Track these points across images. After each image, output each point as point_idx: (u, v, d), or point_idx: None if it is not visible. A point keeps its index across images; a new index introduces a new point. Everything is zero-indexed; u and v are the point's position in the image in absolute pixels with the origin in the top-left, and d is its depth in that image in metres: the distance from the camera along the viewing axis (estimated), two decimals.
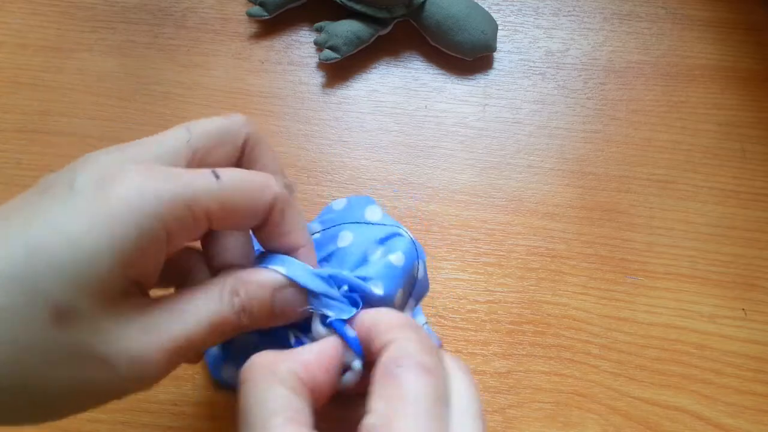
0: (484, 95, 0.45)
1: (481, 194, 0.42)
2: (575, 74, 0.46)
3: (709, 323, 0.39)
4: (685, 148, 0.44)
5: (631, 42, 0.47)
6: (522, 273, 0.40)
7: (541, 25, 0.48)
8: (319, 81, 0.45)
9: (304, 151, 0.43)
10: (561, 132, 0.44)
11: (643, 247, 0.41)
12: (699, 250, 0.41)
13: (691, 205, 0.42)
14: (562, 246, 0.40)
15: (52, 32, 0.46)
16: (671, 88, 0.46)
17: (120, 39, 0.46)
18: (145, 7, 0.47)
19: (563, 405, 0.36)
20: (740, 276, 0.40)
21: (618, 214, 0.42)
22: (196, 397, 0.35)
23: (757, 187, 0.43)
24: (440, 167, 0.43)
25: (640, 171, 0.43)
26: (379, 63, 0.46)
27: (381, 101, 0.45)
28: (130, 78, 0.44)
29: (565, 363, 0.37)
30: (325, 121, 0.44)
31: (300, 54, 0.46)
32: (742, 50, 0.47)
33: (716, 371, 0.37)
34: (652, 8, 0.49)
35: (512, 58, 0.47)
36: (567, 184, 0.42)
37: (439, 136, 0.44)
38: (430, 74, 0.46)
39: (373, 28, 0.44)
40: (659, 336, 0.38)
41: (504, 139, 0.44)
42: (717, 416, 0.36)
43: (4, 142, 0.42)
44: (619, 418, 0.36)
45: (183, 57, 0.45)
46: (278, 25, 0.47)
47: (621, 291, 0.39)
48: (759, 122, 0.45)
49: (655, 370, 0.37)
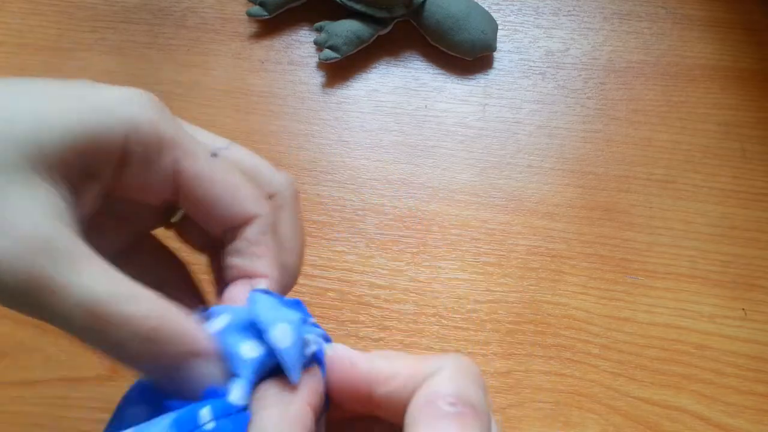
0: (484, 95, 0.45)
1: (481, 194, 0.42)
2: (575, 74, 0.46)
3: (709, 323, 0.39)
4: (685, 147, 0.44)
5: (631, 42, 0.47)
6: (522, 273, 0.40)
7: (541, 24, 0.48)
8: (319, 81, 0.45)
9: (304, 151, 0.43)
10: (561, 132, 0.44)
11: (643, 247, 0.41)
12: (699, 250, 0.41)
13: (691, 205, 0.42)
14: (562, 246, 0.40)
15: (52, 32, 0.46)
16: (671, 88, 0.46)
17: (120, 39, 0.46)
18: (145, 7, 0.47)
19: (563, 405, 0.36)
20: (740, 276, 0.40)
21: (618, 214, 0.42)
22: None
23: (757, 187, 0.43)
24: (440, 167, 0.43)
25: (640, 171, 0.43)
26: (379, 63, 0.46)
27: (381, 101, 0.45)
28: (130, 78, 0.44)
29: (565, 363, 0.37)
30: (325, 120, 0.44)
31: (300, 54, 0.46)
32: (741, 50, 0.47)
33: (716, 371, 0.37)
34: (652, 8, 0.49)
35: (512, 57, 0.47)
36: (567, 184, 0.42)
37: (439, 136, 0.44)
38: (430, 74, 0.46)
39: (373, 28, 0.44)
40: (659, 336, 0.38)
41: (504, 139, 0.44)
42: (717, 416, 0.36)
43: None
44: (619, 418, 0.36)
45: (183, 57, 0.45)
46: (278, 25, 0.47)
47: (621, 291, 0.39)
48: (759, 122, 0.45)
49: (655, 370, 0.37)
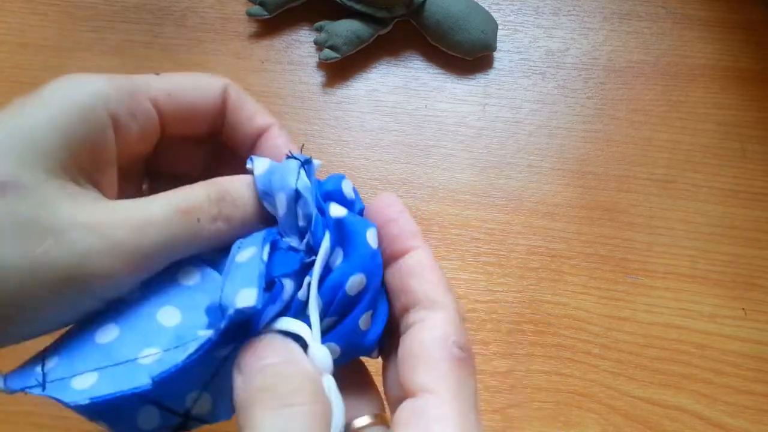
0: (484, 95, 0.45)
1: (481, 194, 0.42)
2: (575, 74, 0.46)
3: (709, 323, 0.39)
4: (685, 147, 0.44)
5: (631, 41, 0.47)
6: (522, 272, 0.40)
7: (541, 24, 0.48)
8: (319, 80, 0.45)
9: (304, 150, 0.43)
10: (561, 131, 0.44)
11: (643, 247, 0.41)
12: (699, 250, 0.41)
13: (691, 205, 0.42)
14: (562, 245, 0.40)
15: (52, 32, 0.46)
16: (671, 88, 0.46)
17: (120, 39, 0.46)
18: (145, 6, 0.47)
19: (563, 405, 0.36)
20: (740, 276, 0.40)
21: (618, 214, 0.42)
22: None
23: (757, 186, 0.43)
24: (440, 167, 0.43)
25: (640, 170, 0.43)
26: (379, 63, 0.46)
27: (381, 101, 0.45)
28: None
29: (565, 362, 0.37)
30: (325, 120, 0.44)
31: (300, 53, 0.46)
32: (741, 50, 0.47)
33: (716, 371, 0.37)
34: (652, 8, 0.49)
35: (512, 57, 0.47)
36: (567, 184, 0.42)
37: (439, 136, 0.44)
38: (430, 74, 0.46)
39: (373, 28, 0.44)
40: (659, 335, 0.38)
41: (504, 139, 0.44)
42: (717, 416, 0.36)
43: None
44: (619, 417, 0.36)
45: (183, 56, 0.45)
46: (278, 25, 0.47)
47: (621, 291, 0.39)
48: (759, 122, 0.45)
49: (655, 370, 0.37)
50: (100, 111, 0.20)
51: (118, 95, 0.20)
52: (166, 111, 0.22)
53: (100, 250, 0.18)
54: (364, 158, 0.43)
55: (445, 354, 0.18)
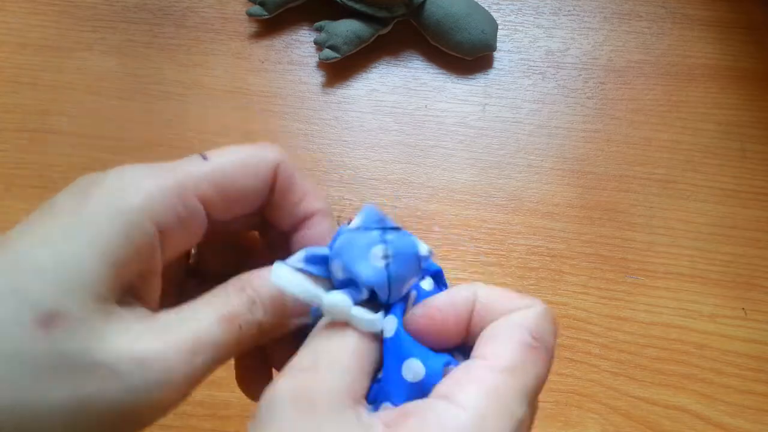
0: (484, 95, 0.45)
1: (481, 194, 0.42)
2: (575, 74, 0.46)
3: (709, 323, 0.39)
4: (685, 147, 0.44)
5: (631, 41, 0.47)
6: (522, 272, 0.40)
7: (541, 24, 0.48)
8: (319, 80, 0.45)
9: (305, 150, 0.43)
10: (561, 131, 0.44)
11: (643, 247, 0.41)
12: (699, 250, 0.41)
13: (691, 205, 0.42)
14: (562, 245, 0.40)
15: (52, 32, 0.46)
16: (671, 88, 0.46)
17: (120, 38, 0.46)
18: (145, 6, 0.47)
19: (563, 404, 0.36)
20: (740, 276, 0.40)
21: (618, 214, 0.42)
22: (196, 397, 0.35)
23: (757, 186, 0.43)
24: (440, 167, 0.43)
25: (640, 170, 0.43)
26: (379, 63, 0.46)
27: (381, 101, 0.45)
28: (130, 77, 0.44)
29: (565, 362, 0.37)
30: (325, 120, 0.44)
31: (300, 53, 0.46)
32: (742, 50, 0.47)
33: (716, 371, 0.37)
34: (653, 8, 0.49)
35: (512, 57, 0.47)
36: (567, 184, 0.42)
37: (439, 136, 0.44)
38: (430, 74, 0.46)
39: (373, 28, 0.44)
40: (659, 335, 0.38)
41: (504, 139, 0.44)
42: (717, 416, 0.36)
43: (4, 142, 0.42)
44: (619, 417, 0.36)
45: (183, 56, 0.45)
46: (278, 25, 0.47)
47: (621, 290, 0.39)
48: (759, 122, 0.45)
49: (655, 370, 0.37)
50: (147, 226, 0.19)
51: (164, 202, 0.19)
52: (214, 203, 0.20)
53: (155, 382, 0.17)
54: (364, 158, 0.43)
55: (516, 335, 0.18)
